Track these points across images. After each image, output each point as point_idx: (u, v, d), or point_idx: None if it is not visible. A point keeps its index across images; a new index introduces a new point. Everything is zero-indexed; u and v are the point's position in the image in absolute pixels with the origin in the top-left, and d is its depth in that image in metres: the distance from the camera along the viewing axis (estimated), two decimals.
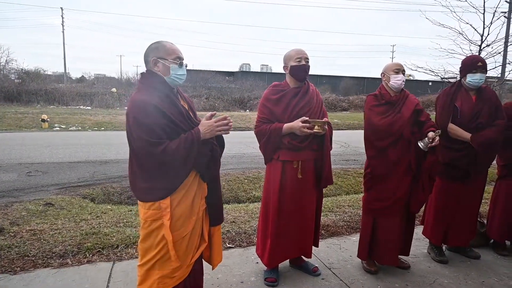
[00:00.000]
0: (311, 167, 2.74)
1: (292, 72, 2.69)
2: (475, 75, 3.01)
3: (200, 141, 1.93)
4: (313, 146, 2.71)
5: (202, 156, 1.97)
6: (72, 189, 5.87)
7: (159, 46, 2.00)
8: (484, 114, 3.00)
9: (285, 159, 2.68)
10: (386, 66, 2.95)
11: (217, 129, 1.99)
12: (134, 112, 1.83)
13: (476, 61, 3.03)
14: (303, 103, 2.68)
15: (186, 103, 2.13)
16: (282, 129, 2.61)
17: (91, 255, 3.17)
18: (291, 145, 2.64)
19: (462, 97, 3.08)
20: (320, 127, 2.56)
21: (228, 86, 30.41)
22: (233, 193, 6.54)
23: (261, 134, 2.71)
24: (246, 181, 7.05)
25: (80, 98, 24.49)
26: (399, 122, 2.77)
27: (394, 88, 2.89)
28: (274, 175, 2.72)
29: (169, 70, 1.98)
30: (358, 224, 4.09)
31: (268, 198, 2.77)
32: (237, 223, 4.01)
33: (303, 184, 2.71)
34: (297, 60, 2.66)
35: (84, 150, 9.34)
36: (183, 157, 1.87)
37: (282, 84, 2.79)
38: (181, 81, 2.04)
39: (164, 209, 1.92)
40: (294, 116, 2.64)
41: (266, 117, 2.71)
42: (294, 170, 2.69)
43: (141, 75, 2.03)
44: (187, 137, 1.90)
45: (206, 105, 24.11)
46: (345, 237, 3.79)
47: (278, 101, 2.69)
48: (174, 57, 2.00)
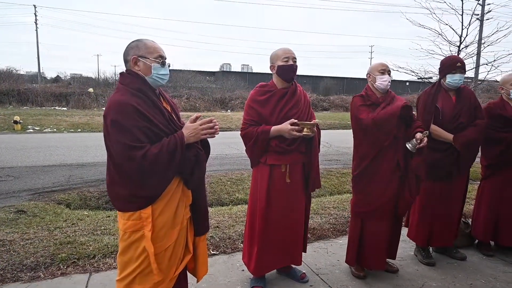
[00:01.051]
0: (299, 170, 2.65)
1: (279, 72, 2.59)
2: (454, 76, 3.00)
3: (184, 145, 1.81)
4: (301, 148, 2.62)
5: (186, 161, 1.84)
6: (46, 195, 5.59)
7: (139, 44, 1.86)
8: (464, 114, 3.01)
9: (272, 163, 2.57)
10: (372, 66, 2.89)
11: (202, 132, 1.87)
12: (112, 114, 1.69)
13: (455, 62, 3.02)
14: (291, 105, 2.59)
15: (169, 105, 2.00)
16: (269, 132, 2.51)
17: (66, 267, 2.97)
18: (279, 148, 2.54)
19: (443, 97, 3.07)
20: (309, 129, 2.47)
21: (209, 86, 30.18)
22: (216, 196, 6.40)
23: (247, 137, 2.60)
24: (229, 183, 6.93)
25: (55, 98, 23.73)
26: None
27: (380, 89, 2.83)
28: (261, 179, 2.61)
29: (150, 70, 1.85)
30: (344, 226, 4.04)
31: (255, 204, 2.66)
32: (221, 228, 3.88)
33: (292, 189, 2.61)
34: (285, 59, 2.56)
35: (59, 153, 8.98)
36: (165, 163, 1.73)
37: (269, 84, 2.69)
38: (163, 82, 1.90)
39: (145, 219, 1.78)
40: (282, 118, 2.54)
41: (253, 119, 2.59)
42: (282, 174, 2.59)
43: (120, 75, 1.89)
44: (170, 141, 1.77)
45: (187, 106, 23.81)
46: (332, 240, 3.72)
47: (265, 103, 2.58)
48: (155, 56, 1.87)
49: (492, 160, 3.29)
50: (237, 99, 26.12)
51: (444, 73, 3.05)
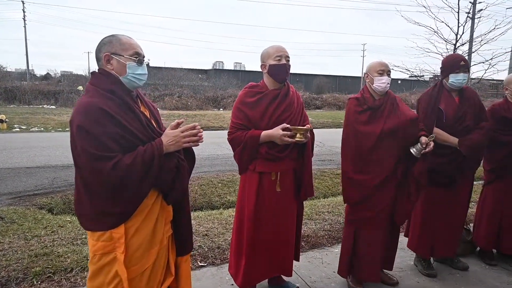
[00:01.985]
0: (290, 178, 2.45)
1: (271, 72, 2.38)
2: (458, 75, 2.81)
3: (162, 155, 1.60)
4: (293, 155, 2.42)
5: (165, 173, 1.63)
6: (28, 199, 5.33)
7: (113, 40, 1.65)
8: (469, 116, 2.82)
9: (262, 171, 2.37)
10: (370, 66, 2.68)
11: (184, 140, 1.66)
12: (78, 119, 1.48)
13: (459, 60, 2.83)
14: (283, 108, 2.38)
15: (148, 109, 1.79)
16: (259, 137, 2.30)
17: (39, 282, 2.74)
18: (269, 155, 2.33)
19: (445, 99, 2.88)
20: (302, 135, 2.26)
21: (201, 84, 29.90)
22: (206, 198, 6.19)
23: (235, 142, 2.39)
24: (220, 185, 6.73)
25: (43, 96, 23.26)
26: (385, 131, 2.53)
27: (377, 91, 2.63)
28: (249, 187, 2.40)
29: (125, 69, 1.64)
30: (339, 233, 3.85)
31: (243, 212, 2.46)
32: (209, 236, 3.67)
33: (282, 198, 2.41)
34: (277, 58, 2.35)
35: (44, 153, 8.68)
36: (140, 175, 1.52)
37: (259, 85, 2.48)
38: (140, 82, 1.69)
39: (117, 240, 1.56)
40: (273, 123, 2.34)
41: (241, 123, 2.38)
42: (272, 183, 2.38)
43: (91, 75, 1.67)
44: (146, 149, 1.55)
45: (179, 104, 23.51)
46: (327, 249, 3.53)
47: (255, 105, 2.37)
48: (131, 53, 1.65)
49: (495, 164, 3.12)
50: (229, 98, 25.85)
51: (447, 72, 2.86)
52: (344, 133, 2.65)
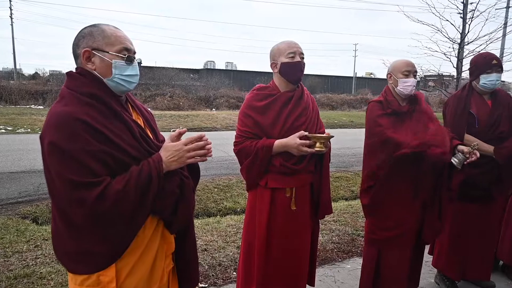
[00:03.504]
0: (307, 194, 2.15)
1: (283, 71, 2.07)
2: (490, 76, 2.53)
3: (161, 175, 1.28)
4: (310, 167, 2.12)
5: (166, 196, 1.32)
6: (10, 207, 4.97)
7: (94, 32, 1.31)
8: (504, 122, 2.54)
9: (275, 186, 2.07)
10: (394, 65, 2.39)
11: (188, 155, 1.34)
12: (50, 134, 1.16)
13: (491, 59, 2.55)
14: (298, 113, 2.08)
15: (141, 116, 1.46)
16: (272, 147, 2.00)
17: None
18: (284, 168, 2.03)
19: (477, 102, 2.60)
20: (322, 144, 1.97)
21: (193, 84, 29.45)
22: (202, 205, 5.89)
23: (243, 153, 2.08)
24: (216, 190, 6.44)
25: (31, 96, 22.59)
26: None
27: (402, 95, 2.35)
28: (260, 207, 2.10)
29: (110, 69, 1.31)
30: (349, 246, 3.58)
31: (252, 236, 2.15)
32: (209, 252, 3.36)
33: (298, 217, 2.11)
34: (290, 55, 2.05)
35: (30, 156, 8.25)
36: (134, 203, 1.21)
37: (269, 86, 2.18)
38: (130, 86, 1.36)
39: (106, 285, 1.24)
40: (287, 130, 2.04)
41: (250, 131, 2.08)
42: (287, 200, 2.08)
43: (67, 76, 1.33)
44: (141, 170, 1.24)
45: (171, 104, 23.08)
46: (338, 264, 3.25)
47: (265, 110, 2.07)
48: (118, 49, 1.32)
49: None
50: (222, 98, 25.50)
51: (478, 73, 2.57)
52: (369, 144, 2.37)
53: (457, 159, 2.21)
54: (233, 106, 23.98)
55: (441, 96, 24.36)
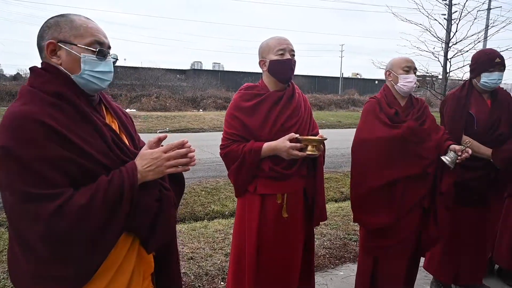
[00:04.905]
0: (299, 200, 2.01)
1: (272, 69, 1.93)
2: (492, 75, 2.42)
3: (136, 186, 1.12)
4: (302, 171, 1.98)
5: (142, 211, 1.16)
6: None
7: (61, 22, 1.15)
8: (504, 123, 2.44)
9: (265, 192, 1.92)
10: (393, 62, 2.28)
11: (169, 163, 1.18)
12: (3, 137, 0.99)
13: (494, 57, 2.42)
14: (288, 113, 1.94)
15: (116, 119, 1.29)
16: (261, 151, 1.85)
17: None
18: (274, 172, 1.89)
19: (476, 102, 2.49)
20: (315, 147, 1.83)
21: (179, 84, 29.22)
22: (189, 208, 5.71)
23: (230, 157, 1.93)
24: (203, 193, 6.27)
25: (11, 98, 21.96)
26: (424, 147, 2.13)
27: (403, 93, 2.24)
28: (249, 214, 1.95)
29: (78, 64, 1.14)
30: (342, 251, 3.45)
31: (242, 245, 2.00)
32: (195, 260, 3.19)
33: (290, 225, 1.97)
34: (280, 52, 1.91)
35: None
36: (101, 220, 1.05)
37: (257, 86, 2.03)
38: (103, 84, 1.20)
39: None
40: (276, 132, 1.89)
41: (237, 133, 1.92)
42: (278, 207, 1.93)
43: (30, 71, 1.17)
44: (110, 180, 1.08)
45: (157, 105, 22.79)
46: (330, 271, 3.11)
47: (253, 110, 1.92)
48: (88, 41, 1.16)
49: None
50: (209, 98, 25.31)
51: (479, 71, 2.45)
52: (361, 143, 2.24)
53: (449, 158, 2.10)
54: (220, 106, 23.81)
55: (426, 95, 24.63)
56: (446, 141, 2.18)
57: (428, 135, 2.19)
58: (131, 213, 1.11)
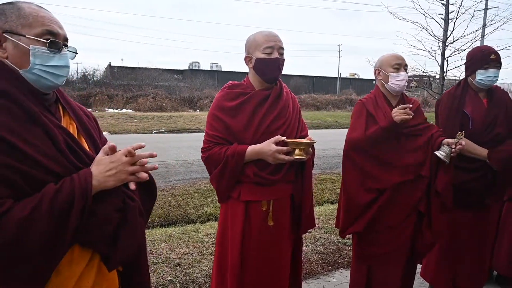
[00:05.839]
0: (286, 206, 1.88)
1: (257, 68, 1.81)
2: (487, 72, 2.32)
3: (89, 195, 0.99)
4: (290, 177, 1.86)
5: (100, 223, 1.03)
6: None
7: (7, 10, 1.03)
8: (501, 122, 2.34)
9: (249, 199, 1.80)
10: (382, 60, 2.17)
11: (131, 169, 1.05)
12: None
13: (489, 53, 2.32)
14: (275, 114, 1.82)
15: (76, 121, 1.16)
16: (245, 154, 1.73)
17: None
18: (259, 178, 1.76)
19: (472, 100, 2.39)
20: (303, 150, 1.71)
21: (176, 84, 29.17)
22: (181, 211, 5.60)
23: (212, 162, 1.80)
24: (197, 195, 6.17)
25: None
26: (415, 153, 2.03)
27: (394, 92, 2.13)
28: (232, 222, 1.82)
29: (27, 57, 1.02)
30: (335, 256, 3.33)
31: (224, 255, 1.87)
32: (183, 266, 3.07)
33: (276, 234, 1.84)
34: (267, 50, 1.78)
35: None
36: (47, 234, 0.92)
37: (242, 84, 1.91)
38: (57, 80, 1.07)
39: None
40: (262, 134, 1.77)
41: (220, 135, 1.80)
42: (263, 214, 1.81)
43: None
44: (59, 189, 0.96)
45: (153, 105, 22.67)
46: (323, 278, 3.00)
47: (236, 111, 1.80)
48: (39, 32, 1.03)
49: None
50: (206, 98, 25.19)
51: (474, 68, 2.35)
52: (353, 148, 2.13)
53: (444, 152, 2.00)
54: None
55: (423, 95, 24.58)
56: (439, 137, 2.08)
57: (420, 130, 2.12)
58: (85, 226, 0.98)
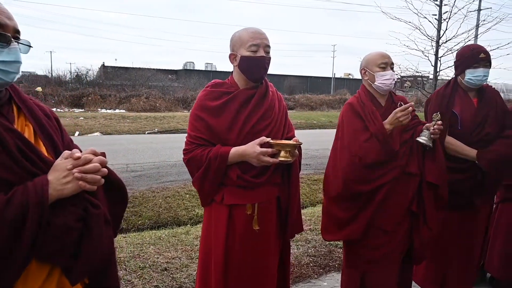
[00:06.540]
0: (272, 210, 1.81)
1: (242, 66, 1.73)
2: (477, 71, 2.28)
3: (46, 204, 0.91)
4: (276, 179, 1.78)
5: (58, 235, 0.94)
6: None
7: None
8: (491, 122, 2.29)
9: (233, 203, 1.72)
10: (368, 59, 2.11)
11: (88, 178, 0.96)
12: None
13: (478, 52, 2.29)
14: (260, 114, 1.74)
15: (32, 122, 1.07)
16: (228, 156, 1.66)
17: None
18: (243, 181, 1.69)
19: (461, 100, 2.35)
20: (288, 152, 1.64)
21: (170, 85, 29.03)
22: (172, 213, 5.52)
23: (194, 164, 1.72)
24: (188, 196, 6.06)
25: None
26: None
27: (382, 91, 2.07)
28: (216, 226, 1.75)
29: None
30: (327, 259, 3.27)
31: (208, 259, 1.80)
32: (170, 271, 2.99)
33: (262, 238, 1.77)
34: (253, 47, 1.70)
35: None
36: None
37: (226, 83, 1.83)
38: (8, 77, 0.99)
39: None
40: (246, 135, 1.70)
41: (202, 136, 1.72)
42: (248, 218, 1.74)
43: None
44: (10, 199, 0.88)
45: (146, 105, 22.51)
46: (314, 282, 2.93)
47: (220, 111, 1.72)
48: None
49: None
50: None
51: (463, 67, 2.31)
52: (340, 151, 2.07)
53: (424, 136, 1.96)
54: None
55: (417, 95, 24.66)
56: (418, 126, 2.05)
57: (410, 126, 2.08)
58: (43, 238, 0.90)
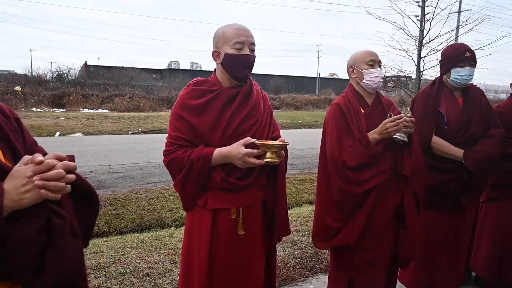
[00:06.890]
0: (258, 213, 1.75)
1: (226, 64, 1.66)
2: (462, 70, 2.26)
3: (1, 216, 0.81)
4: (261, 181, 1.72)
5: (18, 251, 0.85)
6: None
7: None
8: (476, 122, 2.28)
9: (217, 207, 1.65)
10: (355, 57, 2.07)
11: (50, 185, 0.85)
12: None
13: (463, 51, 2.27)
14: (245, 114, 1.67)
15: None
16: (211, 158, 1.58)
17: None
18: (227, 183, 1.62)
19: (447, 100, 2.33)
20: (274, 153, 1.57)
21: (155, 84, 28.64)
22: (156, 215, 5.40)
23: (175, 166, 1.64)
24: (172, 198, 5.95)
25: None
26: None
27: (370, 89, 2.02)
28: (199, 231, 1.67)
29: None
30: (312, 261, 3.22)
31: (190, 268, 1.72)
32: (152, 277, 2.89)
33: (247, 243, 1.70)
34: (237, 46, 1.63)
35: None
36: None
37: (209, 81, 1.76)
38: None
39: None
40: (230, 135, 1.63)
41: (184, 137, 1.64)
42: (232, 223, 1.66)
43: None
44: None
45: (130, 105, 22.15)
46: (300, 285, 2.87)
47: (203, 110, 1.65)
48: None
49: (500, 179, 2.60)
50: None
51: (448, 66, 2.29)
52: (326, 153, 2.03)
53: (398, 132, 1.92)
54: None
55: (400, 95, 25.02)
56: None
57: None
58: None
